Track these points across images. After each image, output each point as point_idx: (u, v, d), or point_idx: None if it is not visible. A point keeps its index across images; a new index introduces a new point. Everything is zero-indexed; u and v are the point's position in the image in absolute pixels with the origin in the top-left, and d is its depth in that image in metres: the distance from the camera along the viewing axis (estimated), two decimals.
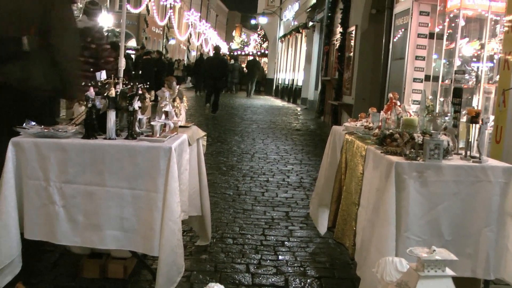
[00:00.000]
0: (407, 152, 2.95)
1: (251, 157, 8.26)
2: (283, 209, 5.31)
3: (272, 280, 3.54)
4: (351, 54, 11.54)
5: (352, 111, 10.59)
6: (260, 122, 13.53)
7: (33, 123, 3.04)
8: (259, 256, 3.95)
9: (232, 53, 41.38)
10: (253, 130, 11.72)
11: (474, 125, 3.14)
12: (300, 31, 21.50)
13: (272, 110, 18.05)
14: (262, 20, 30.37)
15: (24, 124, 3.00)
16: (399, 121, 3.46)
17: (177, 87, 3.79)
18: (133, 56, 18.34)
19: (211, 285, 1.95)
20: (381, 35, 9.13)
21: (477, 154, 3.07)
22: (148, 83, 3.47)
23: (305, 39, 20.56)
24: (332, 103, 12.71)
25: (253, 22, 46.83)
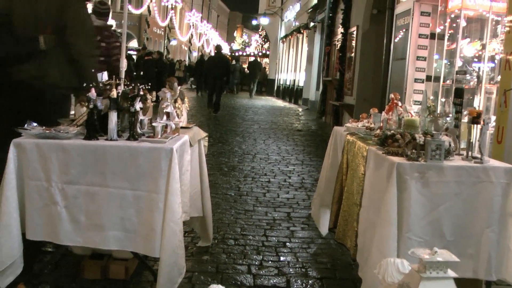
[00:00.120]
0: (409, 153, 2.94)
1: (253, 158, 8.26)
2: (285, 210, 5.31)
3: (274, 281, 3.54)
4: (352, 55, 11.54)
5: (354, 112, 10.59)
6: (262, 123, 13.53)
7: (35, 124, 3.04)
8: (261, 257, 3.95)
9: (234, 54, 41.37)
10: (255, 131, 11.71)
11: (476, 126, 3.13)
12: (301, 32, 21.51)
13: (274, 111, 18.04)
14: (263, 21, 30.37)
15: (26, 125, 3.00)
16: (401, 122, 3.46)
17: (179, 88, 3.79)
18: (135, 57, 18.34)
19: (213, 286, 1.95)
20: (382, 36, 9.12)
21: (479, 155, 3.07)
22: (150, 84, 3.48)
23: (306, 40, 20.57)
24: (334, 104, 12.71)
25: (255, 23, 46.82)
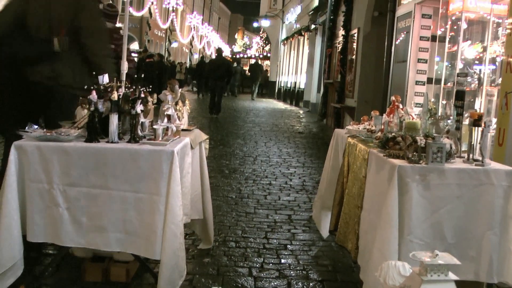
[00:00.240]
0: (410, 155, 2.94)
1: (254, 160, 8.25)
2: (286, 212, 5.30)
3: (275, 284, 3.53)
4: (354, 57, 11.53)
5: (355, 114, 10.58)
6: (263, 125, 13.53)
7: (36, 127, 3.05)
8: (262, 260, 3.95)
9: (235, 56, 41.38)
10: (256, 133, 11.71)
11: (477, 128, 3.12)
12: (303, 34, 21.50)
13: (275, 113, 18.05)
14: (265, 23, 30.37)
15: (27, 128, 3.01)
16: (402, 124, 3.45)
17: (180, 90, 3.79)
18: (136, 59, 18.35)
19: None
20: (384, 38, 9.12)
21: (480, 157, 3.06)
22: (151, 86, 3.48)
23: (308, 42, 20.57)
24: (335, 106, 12.70)
25: (256, 25, 46.80)
